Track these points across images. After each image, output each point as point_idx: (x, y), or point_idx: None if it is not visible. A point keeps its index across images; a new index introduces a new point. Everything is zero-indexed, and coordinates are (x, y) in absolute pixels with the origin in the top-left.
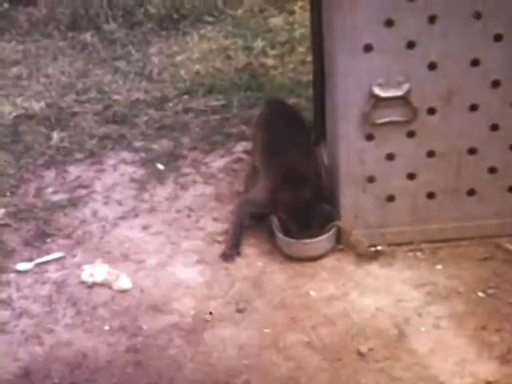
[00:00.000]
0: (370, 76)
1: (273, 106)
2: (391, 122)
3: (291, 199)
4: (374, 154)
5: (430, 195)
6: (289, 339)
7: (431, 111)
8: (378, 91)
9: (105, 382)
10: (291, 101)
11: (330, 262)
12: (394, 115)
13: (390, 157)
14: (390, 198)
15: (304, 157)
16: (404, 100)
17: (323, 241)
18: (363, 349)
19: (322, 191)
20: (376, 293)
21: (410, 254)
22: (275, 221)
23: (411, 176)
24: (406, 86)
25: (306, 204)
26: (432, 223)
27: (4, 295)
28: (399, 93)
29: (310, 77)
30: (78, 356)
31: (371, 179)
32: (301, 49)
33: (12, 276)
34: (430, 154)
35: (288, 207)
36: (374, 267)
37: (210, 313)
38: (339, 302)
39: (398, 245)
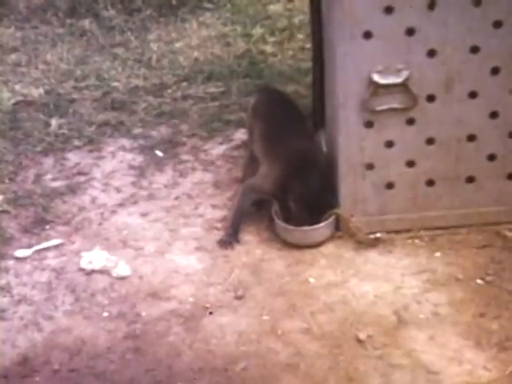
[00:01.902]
0: (370, 63)
1: (267, 94)
2: (390, 110)
3: (302, 187)
4: (373, 142)
5: (430, 182)
6: (288, 326)
7: (431, 98)
8: (377, 78)
9: (104, 369)
10: (290, 88)
11: (329, 249)
12: (394, 102)
13: (390, 144)
14: (389, 186)
15: (308, 143)
16: (403, 87)
17: (322, 228)
18: (362, 336)
19: (327, 178)
20: (375, 280)
21: (409, 241)
22: (275, 207)
23: (410, 163)
24: (405, 73)
25: (316, 192)
26: (431, 210)
27: (3, 282)
28: (398, 80)
29: (310, 64)
30: (77, 342)
31: (370, 166)
32: (300, 35)
33: (11, 263)
34: (430, 141)
35: (299, 195)
36: (373, 254)
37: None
38: (338, 289)
39: (397, 232)
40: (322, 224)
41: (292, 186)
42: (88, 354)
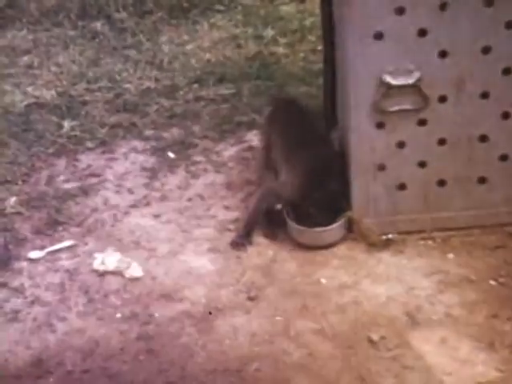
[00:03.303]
0: (381, 64)
1: (283, 103)
2: (402, 110)
3: (323, 195)
4: (384, 142)
5: (441, 183)
6: (300, 327)
7: (442, 99)
8: (388, 79)
9: (117, 369)
10: (302, 89)
11: (341, 250)
12: (405, 103)
13: (401, 145)
14: (401, 186)
15: (326, 150)
16: (415, 88)
17: (334, 229)
18: (375, 337)
19: (343, 183)
20: (387, 281)
21: (422, 242)
22: (287, 208)
23: (422, 164)
24: (416, 74)
25: (335, 199)
26: (443, 211)
27: (16, 283)
28: (410, 81)
29: (321, 65)
30: (90, 343)
31: (382, 167)
32: (311, 37)
33: (24, 264)
34: (441, 141)
35: (320, 203)
36: (385, 255)
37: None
38: (350, 290)
39: (409, 233)
40: (334, 225)
41: (312, 194)
42: (101, 354)
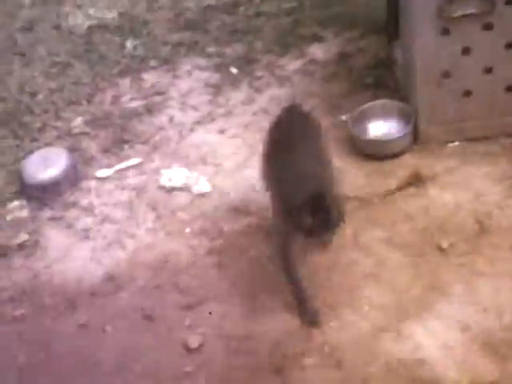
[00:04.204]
0: None
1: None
2: (467, 15)
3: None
4: (449, 49)
5: (509, 88)
6: (368, 237)
7: (509, 1)
8: None
9: (187, 284)
10: (363, 0)
11: (407, 159)
12: (470, 8)
13: (466, 51)
14: (467, 93)
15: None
16: None
17: (400, 138)
18: (444, 244)
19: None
20: (456, 188)
21: (489, 148)
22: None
23: (488, 70)
24: None
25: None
26: (510, 116)
27: (85, 202)
28: None
29: None
30: (160, 259)
31: (447, 74)
32: None
33: (92, 183)
34: (509, 46)
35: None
36: (452, 163)
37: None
38: (418, 198)
39: (476, 140)
40: (400, 134)
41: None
42: (171, 270)
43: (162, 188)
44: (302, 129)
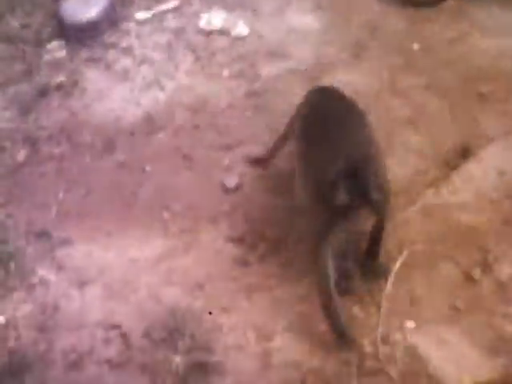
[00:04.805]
0: None
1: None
2: None
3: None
4: None
5: None
6: (407, 82)
7: None
8: None
9: (225, 124)
10: None
11: (449, 5)
12: None
13: None
14: None
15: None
16: None
17: None
18: (484, 90)
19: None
20: (498, 35)
21: None
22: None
23: None
24: None
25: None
26: None
27: (125, 44)
28: None
29: None
30: (199, 100)
31: None
32: None
33: (132, 25)
34: None
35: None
36: (495, 9)
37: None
38: (459, 44)
39: None
40: None
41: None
42: (210, 111)
43: (201, 31)
44: (348, 108)
